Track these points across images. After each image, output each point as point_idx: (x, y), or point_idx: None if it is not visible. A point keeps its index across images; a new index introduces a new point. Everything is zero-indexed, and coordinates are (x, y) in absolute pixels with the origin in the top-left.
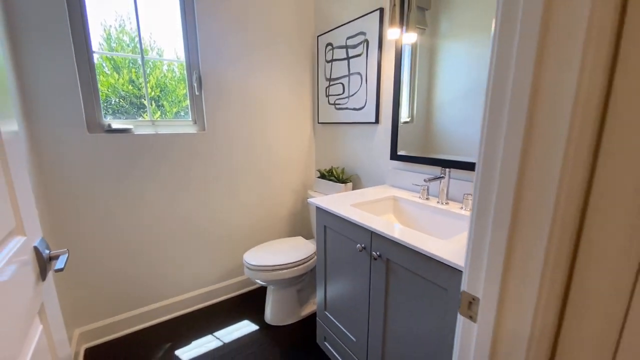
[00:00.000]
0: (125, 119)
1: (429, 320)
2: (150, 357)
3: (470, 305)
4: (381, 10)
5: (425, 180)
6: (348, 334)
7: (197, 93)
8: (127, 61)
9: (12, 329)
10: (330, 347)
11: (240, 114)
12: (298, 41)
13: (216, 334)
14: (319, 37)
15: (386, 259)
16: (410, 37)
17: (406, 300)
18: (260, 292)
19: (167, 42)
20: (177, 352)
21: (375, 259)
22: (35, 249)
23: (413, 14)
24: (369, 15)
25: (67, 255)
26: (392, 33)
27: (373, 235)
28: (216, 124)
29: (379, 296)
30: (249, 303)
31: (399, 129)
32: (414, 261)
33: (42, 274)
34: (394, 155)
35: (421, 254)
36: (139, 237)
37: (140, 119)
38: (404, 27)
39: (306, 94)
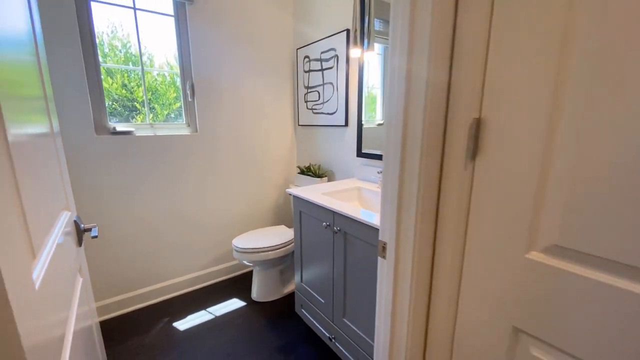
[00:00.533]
0: (118, 121)
1: (373, 275)
2: (151, 329)
3: (383, 249)
4: (348, 31)
5: (378, 172)
6: (318, 297)
7: (190, 99)
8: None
9: (70, 274)
10: (305, 313)
11: (229, 118)
12: (280, 53)
13: (209, 309)
14: (298, 50)
15: (344, 232)
16: (370, 55)
17: (358, 262)
18: (247, 276)
19: (157, 46)
20: (175, 324)
21: (336, 232)
22: (75, 222)
23: (372, 37)
24: (337, 34)
25: (97, 227)
26: (354, 52)
27: (335, 215)
28: (208, 127)
29: (339, 261)
30: (237, 285)
31: (363, 131)
32: (361, 230)
33: (80, 241)
34: (359, 153)
35: (364, 224)
36: (140, 226)
37: (133, 121)
38: (364, 48)
39: (288, 99)
